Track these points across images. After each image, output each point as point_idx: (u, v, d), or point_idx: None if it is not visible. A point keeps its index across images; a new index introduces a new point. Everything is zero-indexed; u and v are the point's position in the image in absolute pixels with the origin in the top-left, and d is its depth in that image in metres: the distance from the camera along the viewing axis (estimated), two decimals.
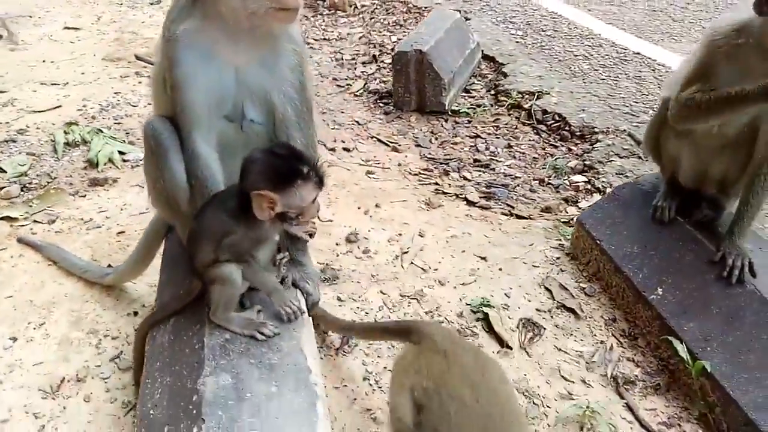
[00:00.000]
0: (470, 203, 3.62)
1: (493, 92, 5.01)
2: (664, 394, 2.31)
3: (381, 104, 4.97)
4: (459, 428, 1.43)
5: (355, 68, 5.69)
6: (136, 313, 2.63)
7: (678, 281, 2.43)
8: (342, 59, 5.91)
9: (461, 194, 3.71)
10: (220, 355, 1.70)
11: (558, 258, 3.03)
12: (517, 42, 5.72)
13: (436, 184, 3.85)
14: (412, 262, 2.97)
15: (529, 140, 4.36)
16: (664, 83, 2.64)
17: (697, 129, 2.42)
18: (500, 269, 2.94)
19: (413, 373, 1.58)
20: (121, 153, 3.98)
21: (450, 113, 4.73)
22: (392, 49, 5.87)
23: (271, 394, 1.58)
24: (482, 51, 5.46)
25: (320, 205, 1.80)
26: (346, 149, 4.26)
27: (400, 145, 4.36)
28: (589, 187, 3.74)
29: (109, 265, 2.82)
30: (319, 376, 1.75)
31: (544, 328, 2.57)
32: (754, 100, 2.13)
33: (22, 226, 3.18)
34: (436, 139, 4.47)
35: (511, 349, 2.46)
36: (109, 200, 3.49)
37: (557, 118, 4.45)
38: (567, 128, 4.34)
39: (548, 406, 2.23)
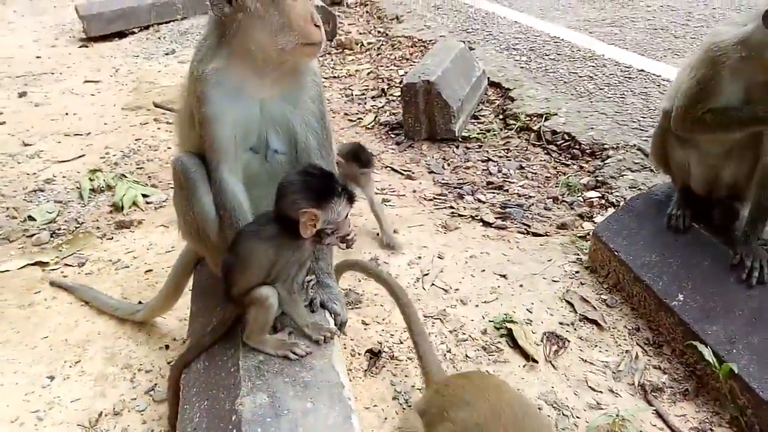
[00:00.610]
0: (486, 224, 3.68)
1: (501, 117, 5.12)
2: (693, 399, 2.31)
3: (392, 135, 5.10)
4: None
5: (365, 102, 5.86)
6: (167, 347, 2.70)
7: (698, 286, 2.46)
8: (352, 95, 6.09)
9: (477, 216, 3.77)
10: (255, 376, 1.76)
11: (577, 272, 3.06)
12: (521, 67, 5.85)
13: (452, 207, 3.92)
14: (433, 284, 3.02)
15: (541, 160, 4.44)
16: (665, 95, 2.71)
17: (703, 138, 2.48)
18: (521, 286, 2.98)
19: None
20: (144, 196, 4.12)
21: (461, 139, 4.83)
22: (400, 82, 6.04)
23: (307, 410, 1.63)
24: (488, 78, 5.60)
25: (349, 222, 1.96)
26: None
27: (413, 173, 4.45)
28: (603, 202, 3.79)
29: (140, 302, 2.91)
30: (352, 391, 1.79)
31: (569, 341, 2.60)
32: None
33: (54, 270, 3.29)
34: (449, 165, 4.56)
35: (537, 362, 2.48)
36: (135, 241, 3.60)
37: (566, 138, 4.53)
38: (577, 147, 4.42)
39: (578, 417, 2.24)
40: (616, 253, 2.82)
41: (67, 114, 5.53)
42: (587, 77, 5.44)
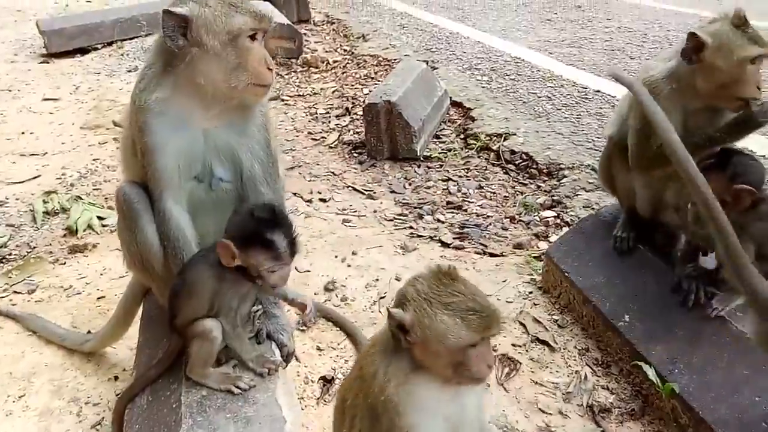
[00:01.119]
0: (444, 245, 3.71)
1: (462, 136, 5.19)
2: (639, 419, 2.36)
3: (355, 154, 5.13)
4: None
5: (329, 121, 5.88)
6: (116, 378, 2.65)
7: (643, 307, 2.52)
8: (316, 113, 6.11)
9: (435, 236, 3.81)
10: (197, 412, 1.74)
11: (530, 292, 3.11)
12: (483, 87, 5.96)
13: (411, 228, 3.95)
14: (388, 308, 3.02)
15: (499, 180, 4.51)
16: (608, 121, 2.79)
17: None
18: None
19: None
20: (100, 218, 4.05)
21: (422, 159, 4.88)
22: (364, 101, 6.08)
23: None
24: (450, 97, 5.68)
25: (287, 275, 1.85)
26: (322, 200, 4.37)
27: (375, 193, 4.48)
28: (558, 221, 3.86)
29: (89, 332, 2.85)
30: (297, 425, 1.78)
31: (520, 363, 2.63)
32: (721, 141, 2.32)
33: (2, 297, 3.21)
34: (410, 184, 4.60)
35: (489, 385, 2.50)
36: (88, 266, 3.53)
37: (525, 158, 4.61)
38: (535, 166, 4.50)
39: None
40: (566, 274, 2.87)
41: (23, 133, 5.42)
42: (546, 97, 5.57)
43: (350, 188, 4.57)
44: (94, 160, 4.95)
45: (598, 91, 5.59)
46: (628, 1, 9.37)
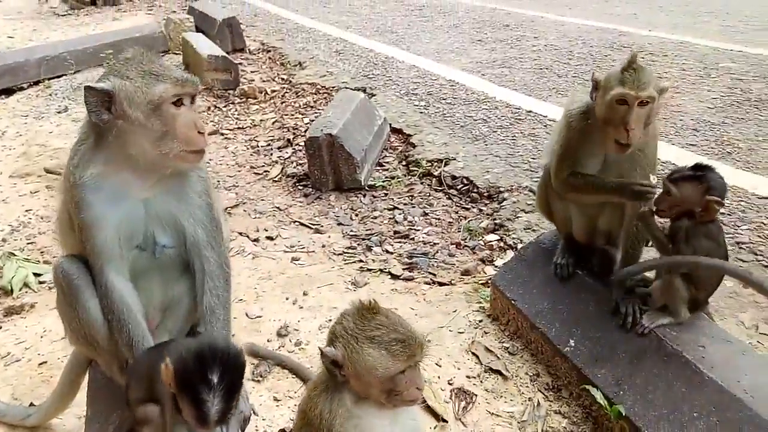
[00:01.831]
0: (394, 276, 3.76)
1: (404, 163, 5.28)
2: None
3: (300, 187, 5.13)
4: None
5: (272, 154, 5.86)
6: None
7: (586, 331, 2.64)
8: (257, 146, 6.07)
9: (385, 269, 3.85)
10: None
11: (480, 321, 3.19)
12: (421, 112, 6.09)
13: (361, 261, 3.98)
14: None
15: (443, 206, 4.61)
16: (543, 151, 2.93)
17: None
18: (429, 341, 3.06)
19: None
20: (36, 275, 3.89)
21: (367, 188, 4.93)
22: (306, 131, 6.09)
23: None
24: (390, 124, 5.78)
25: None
26: (269, 237, 4.34)
27: (322, 226, 4.49)
28: (502, 245, 3.98)
29: (32, 404, 2.72)
30: None
31: (476, 395, 2.70)
32: (619, 194, 2.51)
33: None
34: (357, 215, 4.64)
35: (446, 422, 2.55)
36: (27, 329, 3.38)
37: (465, 182, 4.74)
38: (476, 190, 4.63)
39: None
40: (513, 302, 2.97)
41: None
42: (481, 120, 5.75)
43: (297, 223, 4.56)
44: (26, 211, 4.75)
45: (531, 111, 5.82)
46: (552, 19, 9.80)
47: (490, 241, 4.05)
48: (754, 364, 2.25)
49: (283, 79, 7.90)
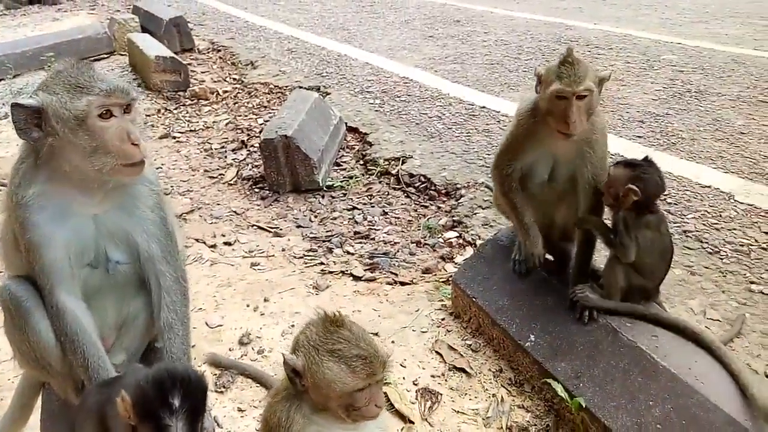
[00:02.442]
0: (356, 278, 3.75)
1: (362, 162, 5.27)
2: None
3: (257, 189, 5.05)
4: None
5: (226, 156, 5.74)
6: None
7: (545, 326, 2.70)
8: (211, 149, 5.94)
9: (347, 270, 3.84)
10: None
11: (443, 319, 3.22)
12: (376, 111, 6.08)
13: (322, 263, 3.96)
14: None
15: (402, 204, 4.63)
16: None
17: (532, 187, 2.76)
18: (392, 342, 3.08)
19: None
20: None
21: (325, 189, 4.90)
22: (260, 132, 6.00)
23: None
24: (346, 123, 5.75)
25: None
26: (227, 243, 4.26)
27: (281, 229, 4.43)
28: (461, 241, 4.03)
29: None
30: None
31: (441, 394, 2.72)
32: (525, 233, 2.76)
33: None
34: (316, 216, 4.60)
35: (413, 423, 2.57)
36: None
37: (423, 180, 4.77)
38: (433, 188, 4.67)
39: None
40: (474, 299, 3.01)
41: None
42: (436, 117, 5.79)
43: (255, 227, 4.50)
44: None
45: (484, 106, 5.89)
46: (501, 14, 9.95)
47: (450, 239, 4.08)
48: (703, 350, 2.35)
49: (234, 79, 7.75)
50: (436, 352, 2.99)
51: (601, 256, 2.78)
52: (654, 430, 2.18)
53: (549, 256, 2.91)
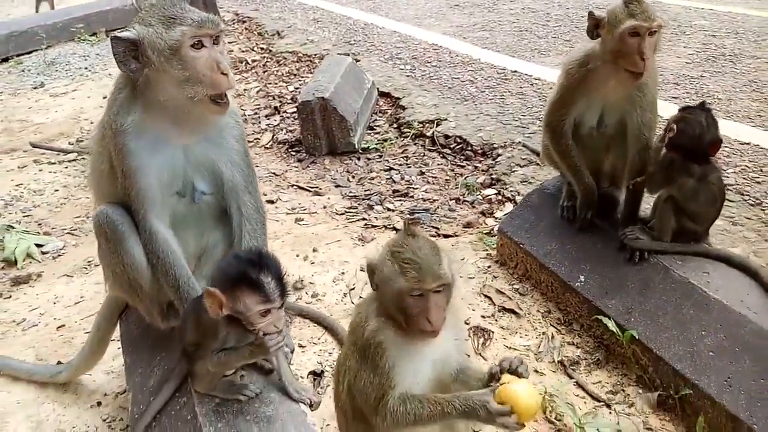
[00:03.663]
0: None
1: (395, 125, 5.34)
2: (605, 366, 2.62)
3: (293, 152, 5.15)
4: None
5: (260, 122, 5.84)
6: (99, 404, 2.59)
7: (595, 267, 2.78)
8: (245, 115, 6.03)
9: (389, 224, 3.94)
10: (216, 420, 1.78)
11: (489, 266, 3.32)
12: (407, 76, 6.13)
13: (364, 219, 4.06)
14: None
15: (438, 164, 4.70)
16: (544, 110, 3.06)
17: (581, 136, 2.82)
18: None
19: None
20: (38, 245, 3.87)
21: (361, 151, 4.99)
22: (292, 98, 6.09)
23: None
24: (378, 88, 5.81)
25: (280, 322, 1.73)
26: (270, 201, 4.37)
27: (321, 189, 4.54)
28: (500, 198, 4.10)
29: (59, 362, 2.75)
30: (312, 416, 1.87)
31: (492, 332, 2.83)
32: (581, 181, 2.86)
33: None
34: (353, 177, 4.70)
35: (469, 356, 2.68)
36: (38, 296, 3.38)
37: (459, 141, 4.83)
38: (469, 148, 4.73)
39: None
40: (521, 245, 3.10)
41: None
42: (468, 81, 5.82)
43: (295, 187, 4.60)
44: (17, 186, 4.67)
45: (516, 71, 5.91)
46: None
47: (488, 195, 4.16)
48: (755, 284, 2.42)
49: (262, 48, 7.81)
50: (485, 295, 3.09)
51: (647, 203, 2.85)
52: (707, 357, 2.27)
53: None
